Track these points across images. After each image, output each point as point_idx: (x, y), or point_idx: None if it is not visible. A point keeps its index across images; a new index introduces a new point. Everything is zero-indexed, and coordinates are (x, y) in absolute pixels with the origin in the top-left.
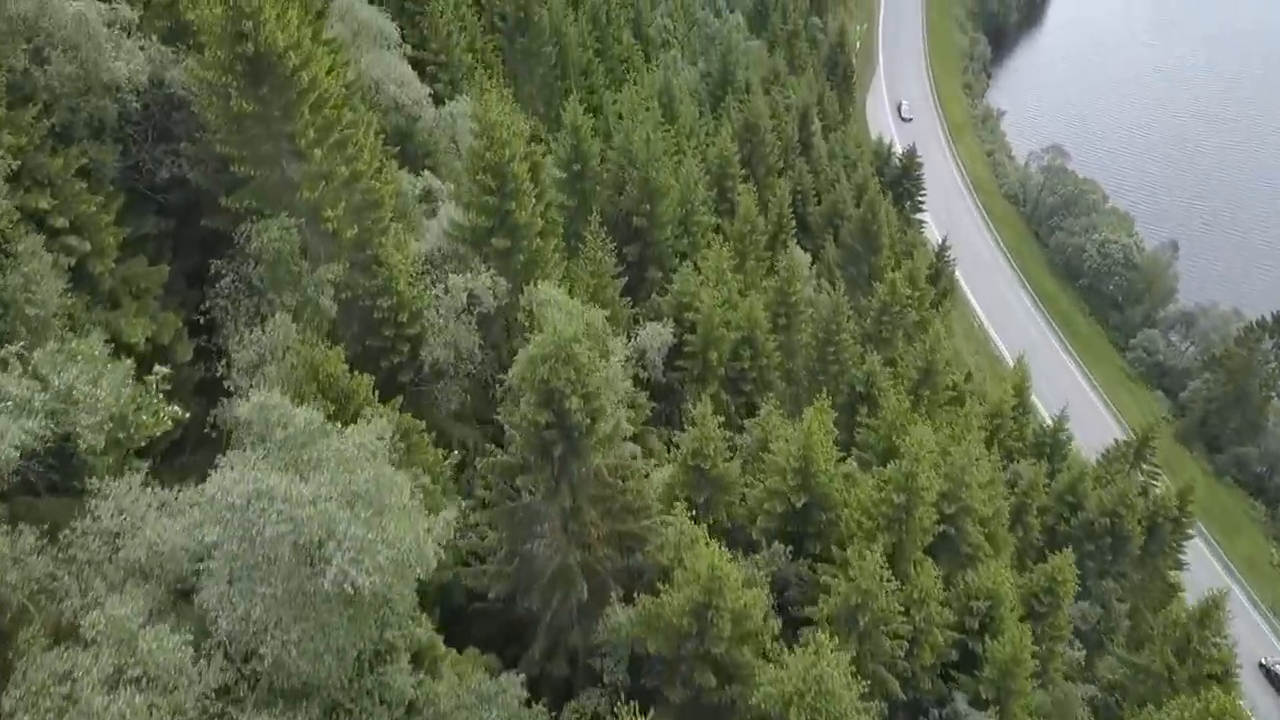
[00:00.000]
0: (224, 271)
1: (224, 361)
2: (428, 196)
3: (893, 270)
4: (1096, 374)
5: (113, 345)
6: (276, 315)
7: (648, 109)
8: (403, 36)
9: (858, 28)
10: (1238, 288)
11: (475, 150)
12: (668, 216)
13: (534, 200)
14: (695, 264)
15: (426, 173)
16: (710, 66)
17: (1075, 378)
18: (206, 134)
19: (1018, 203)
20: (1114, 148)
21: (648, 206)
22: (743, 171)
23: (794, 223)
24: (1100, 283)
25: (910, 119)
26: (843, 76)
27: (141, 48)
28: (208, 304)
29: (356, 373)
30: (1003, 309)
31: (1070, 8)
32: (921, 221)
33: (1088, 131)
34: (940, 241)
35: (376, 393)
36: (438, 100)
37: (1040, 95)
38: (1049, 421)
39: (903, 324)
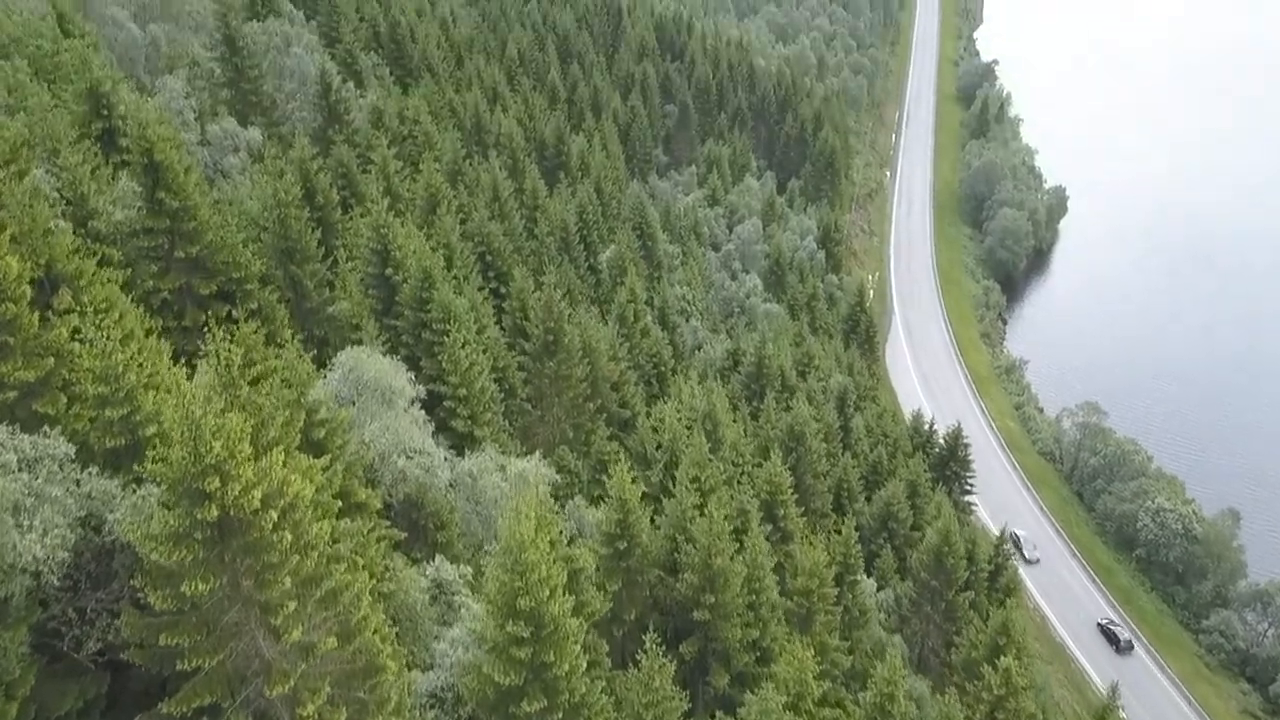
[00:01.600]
0: None
1: None
2: (440, 590)
3: (974, 605)
4: (1173, 665)
5: None
6: None
7: (689, 429)
8: (418, 369)
9: (870, 277)
10: None
11: (505, 588)
12: (734, 605)
13: (577, 640)
14: (768, 667)
15: (439, 560)
16: (736, 340)
17: (1149, 668)
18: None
19: (1053, 459)
20: (1146, 402)
21: (711, 598)
22: (793, 492)
23: (861, 558)
24: (1159, 554)
25: (1037, 559)
26: (865, 336)
27: (78, 482)
28: None
29: None
30: (1057, 584)
31: (1076, 256)
32: (971, 504)
33: (1114, 380)
34: (999, 533)
35: None
36: (456, 439)
37: (1059, 345)
38: None
39: None
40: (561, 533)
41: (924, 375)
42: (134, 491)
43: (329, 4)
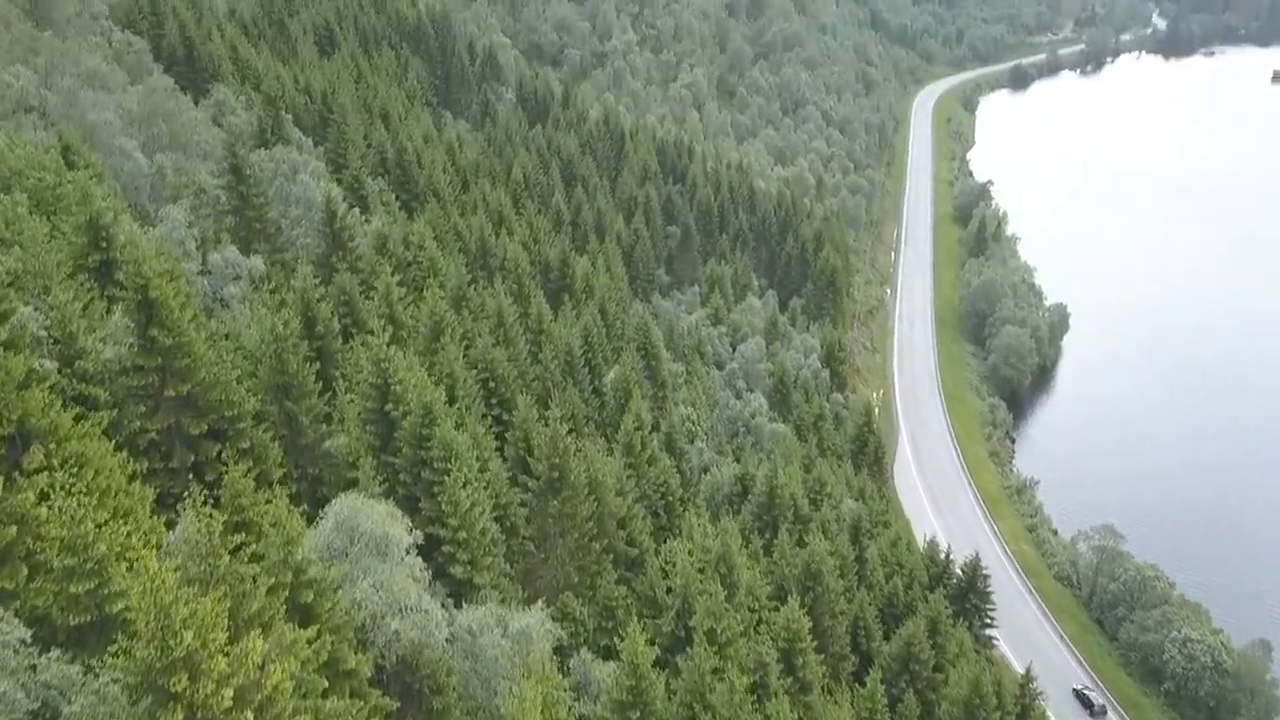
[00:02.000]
0: None
1: None
2: None
3: None
4: None
5: None
6: None
7: (701, 571)
8: (416, 509)
9: (875, 395)
10: None
11: None
12: None
13: None
14: None
15: None
16: (744, 463)
17: None
18: None
19: (1070, 584)
20: (1157, 518)
21: None
22: (812, 637)
23: (886, 710)
24: (1188, 688)
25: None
26: (874, 457)
27: (34, 667)
28: None
29: None
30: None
31: (1080, 373)
32: (992, 639)
33: (1124, 499)
34: (1024, 671)
35: None
36: (454, 586)
37: (1068, 464)
38: None
39: None
40: (569, 710)
41: (934, 496)
42: (97, 677)
43: (337, 131)
